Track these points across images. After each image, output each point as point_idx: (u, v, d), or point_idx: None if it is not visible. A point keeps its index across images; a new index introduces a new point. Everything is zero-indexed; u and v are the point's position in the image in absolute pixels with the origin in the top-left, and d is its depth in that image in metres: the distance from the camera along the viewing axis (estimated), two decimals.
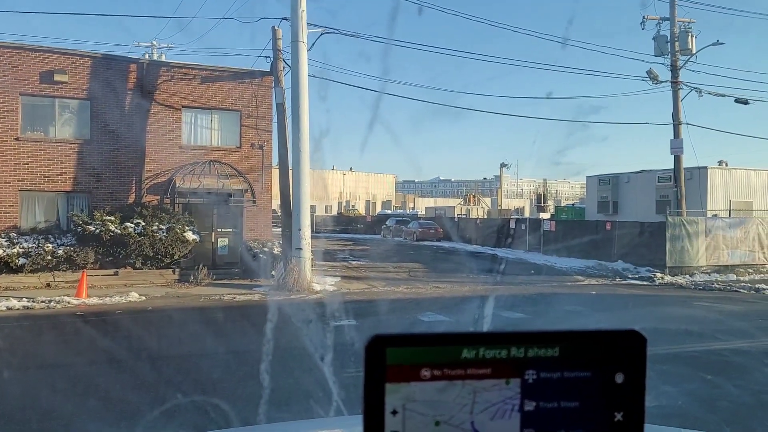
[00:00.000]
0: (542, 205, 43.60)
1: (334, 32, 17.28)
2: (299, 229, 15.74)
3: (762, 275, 19.81)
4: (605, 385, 0.67)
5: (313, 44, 16.82)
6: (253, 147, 18.99)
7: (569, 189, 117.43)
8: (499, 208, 45.44)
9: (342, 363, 6.42)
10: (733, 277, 19.16)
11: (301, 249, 15.56)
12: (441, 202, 71.22)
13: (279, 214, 19.42)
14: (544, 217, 34.42)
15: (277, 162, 18.33)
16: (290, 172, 16.56)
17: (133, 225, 16.23)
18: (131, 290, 14.30)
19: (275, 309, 12.87)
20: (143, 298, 13.79)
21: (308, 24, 16.31)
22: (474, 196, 57.28)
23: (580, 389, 0.67)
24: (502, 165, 47.99)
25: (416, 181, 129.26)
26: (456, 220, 39.76)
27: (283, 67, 17.37)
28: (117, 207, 17.08)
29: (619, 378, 0.67)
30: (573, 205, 44.32)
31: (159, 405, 5.89)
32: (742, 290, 16.59)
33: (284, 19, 16.82)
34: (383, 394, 0.63)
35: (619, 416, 0.67)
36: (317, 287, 15.57)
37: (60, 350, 8.82)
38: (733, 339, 9.32)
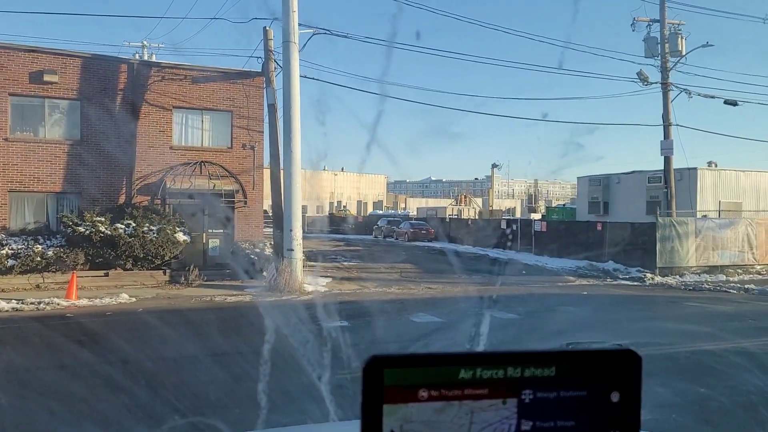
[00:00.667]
0: (533, 205, 43.76)
1: (325, 33, 17.27)
2: (290, 230, 15.70)
3: (751, 275, 19.97)
4: (601, 404, 0.67)
5: (305, 45, 16.82)
6: (245, 147, 18.94)
7: (560, 189, 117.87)
8: (490, 208, 45.53)
9: (333, 365, 6.40)
10: (722, 277, 19.30)
11: (292, 250, 15.53)
12: (432, 203, 71.30)
13: (270, 214, 19.38)
14: (536, 218, 34.53)
15: (268, 162, 18.30)
16: (281, 172, 16.53)
17: (123, 226, 16.14)
18: (121, 292, 14.21)
19: (266, 310, 12.82)
20: (133, 299, 13.70)
21: (300, 25, 16.30)
22: (465, 197, 57.37)
23: (576, 408, 0.67)
24: (494, 165, 48.12)
25: (407, 181, 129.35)
26: (447, 220, 39.80)
27: (275, 68, 17.33)
28: (107, 208, 16.98)
29: (615, 397, 0.68)
30: (564, 205, 44.49)
31: (144, 409, 5.86)
32: (731, 290, 16.72)
33: (276, 19, 16.80)
34: (381, 415, 0.64)
35: None
36: (309, 288, 15.54)
37: (47, 353, 8.75)
38: (723, 340, 9.38)
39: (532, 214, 40.53)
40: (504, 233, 29.67)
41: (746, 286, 17.20)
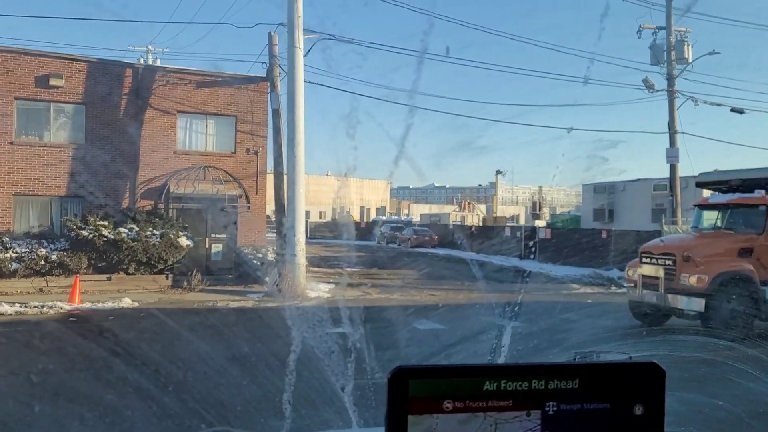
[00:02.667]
0: (537, 212, 43.66)
1: (330, 38, 17.31)
2: (293, 235, 15.69)
3: None
4: (624, 417, 0.66)
5: (309, 50, 16.83)
6: (248, 152, 18.95)
7: (564, 197, 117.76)
8: (494, 215, 45.49)
9: (336, 371, 6.34)
10: None
11: (295, 255, 15.51)
12: (435, 209, 71.27)
13: (273, 219, 19.36)
14: (540, 225, 34.46)
15: (272, 167, 18.31)
16: (285, 177, 16.52)
17: (126, 230, 16.14)
18: (124, 296, 14.20)
19: (268, 315, 12.79)
20: (136, 303, 13.69)
21: (304, 30, 16.33)
22: (469, 203, 57.35)
23: (599, 421, 0.66)
24: (498, 172, 48.12)
25: (411, 187, 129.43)
26: (451, 227, 39.78)
27: (279, 73, 17.36)
28: (111, 212, 16.98)
29: (638, 410, 0.67)
30: (568, 212, 44.43)
31: (146, 412, 5.81)
32: None
33: (281, 24, 16.85)
34: (406, 426, 0.63)
35: None
36: (311, 294, 15.52)
37: (50, 356, 8.71)
38: (732, 348, 9.30)
39: (536, 221, 40.45)
40: (508, 240, 29.61)
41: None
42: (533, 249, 26.90)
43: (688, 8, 21.56)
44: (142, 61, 25.82)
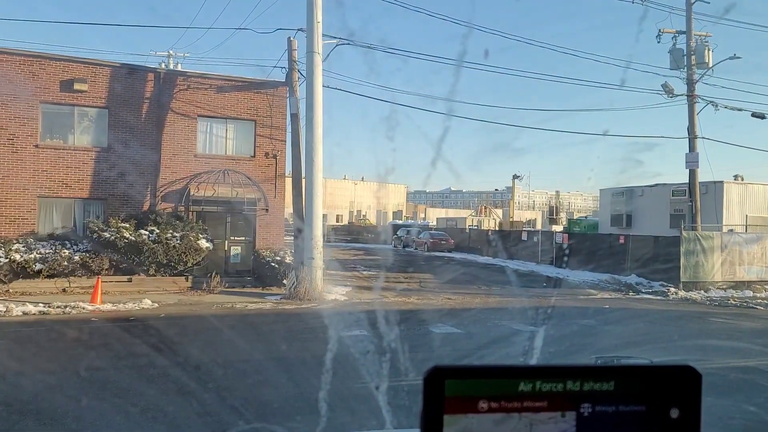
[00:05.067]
0: (555, 217, 43.38)
1: (349, 44, 17.41)
2: (311, 239, 15.78)
3: None
4: (660, 420, 0.67)
5: (328, 55, 16.96)
6: (267, 156, 19.11)
7: (582, 201, 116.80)
8: (510, 219, 45.25)
9: (352, 374, 6.42)
10: (749, 293, 18.94)
11: (313, 258, 15.60)
12: (452, 213, 71.09)
13: (291, 223, 19.49)
14: (557, 230, 34.26)
15: (290, 171, 18.44)
16: (303, 181, 16.64)
17: (147, 232, 16.36)
18: (144, 297, 14.40)
19: (287, 318, 12.90)
20: (156, 305, 13.87)
21: (323, 35, 16.47)
22: (486, 208, 57.14)
23: (635, 423, 0.67)
24: (515, 176, 47.87)
25: (427, 191, 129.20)
26: (467, 231, 39.65)
27: (298, 78, 17.52)
28: (132, 214, 17.23)
29: (674, 413, 0.68)
30: (586, 217, 44.08)
31: (178, 409, 5.92)
32: (758, 307, 16.40)
33: (300, 30, 16.99)
34: (441, 426, 0.64)
35: None
36: (329, 296, 15.59)
37: (73, 355, 8.89)
38: (753, 356, 9.21)
39: (553, 226, 40.21)
40: (524, 245, 29.47)
41: None
42: (550, 254, 26.75)
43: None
44: (163, 65, 26.19)
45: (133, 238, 16.14)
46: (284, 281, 16.48)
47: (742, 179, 26.72)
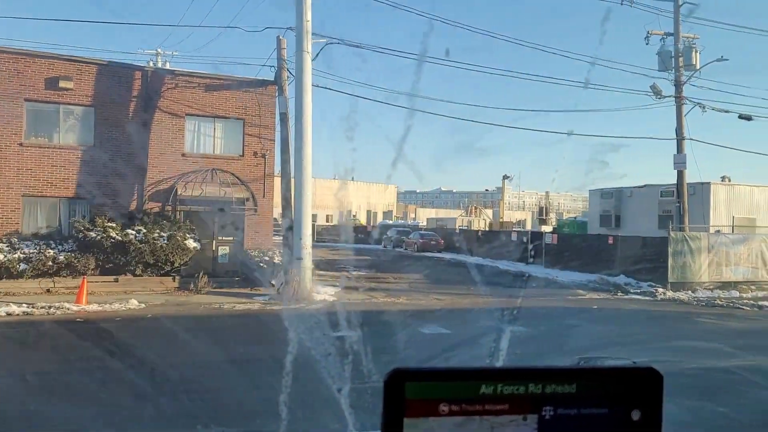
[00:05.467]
0: (544, 218, 43.52)
1: (338, 43, 17.37)
2: (300, 239, 15.71)
3: (765, 292, 19.69)
4: (621, 423, 0.66)
5: (317, 54, 16.89)
6: (256, 156, 19.02)
7: (571, 202, 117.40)
8: (500, 220, 45.38)
9: (342, 374, 6.35)
10: (735, 293, 19.07)
11: (301, 258, 15.53)
12: (442, 213, 71.21)
13: (280, 222, 19.41)
14: (546, 230, 34.36)
15: (279, 171, 18.36)
16: (292, 181, 16.57)
17: (134, 232, 16.22)
18: (131, 297, 14.26)
19: (275, 318, 12.81)
20: (143, 305, 13.74)
21: (313, 34, 16.39)
22: (476, 208, 57.27)
23: (596, 426, 0.66)
24: (505, 177, 48.02)
25: (418, 191, 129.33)
26: (457, 231, 39.71)
27: (287, 77, 17.44)
28: (118, 214, 17.08)
29: (636, 415, 0.67)
30: (575, 218, 44.29)
31: (142, 412, 5.84)
32: (744, 307, 16.51)
33: (289, 29, 16.92)
34: (401, 429, 0.64)
35: None
36: (317, 297, 15.52)
37: (56, 357, 8.77)
38: (737, 357, 9.25)
39: (542, 226, 40.32)
40: (514, 245, 29.54)
41: (759, 303, 16.98)
42: (540, 254, 26.81)
43: (691, 12, 21.45)
44: (151, 64, 25.99)
45: (120, 238, 16.00)
46: (273, 281, 16.39)
47: (729, 180, 26.92)
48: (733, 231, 22.72)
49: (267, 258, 17.47)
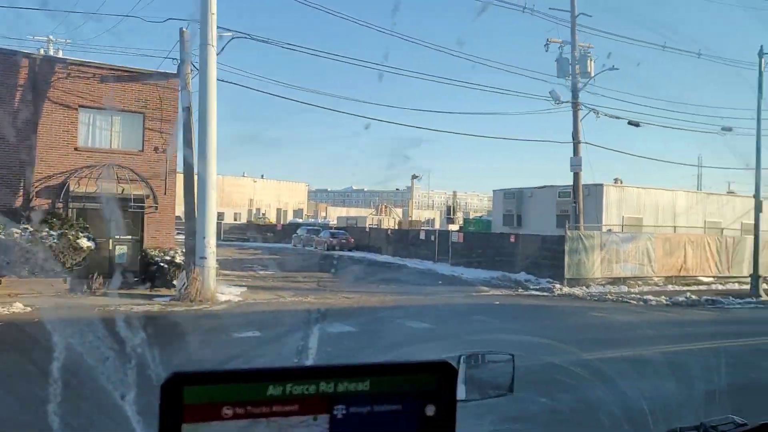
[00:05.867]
0: (452, 217, 44.65)
1: (245, 37, 16.99)
2: (204, 237, 15.24)
3: (650, 287, 21.20)
4: (416, 418, 0.66)
5: (223, 48, 16.42)
6: (157, 151, 18.22)
7: (478, 201, 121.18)
8: (409, 219, 46.11)
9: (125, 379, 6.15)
10: (624, 288, 20.38)
11: (205, 258, 15.07)
12: (353, 212, 71.41)
13: (183, 221, 18.72)
14: (453, 229, 35.26)
15: (182, 167, 17.69)
16: (196, 177, 16.03)
17: (19, 230, 15.09)
18: (15, 300, 13.26)
19: (174, 320, 12.35)
20: (29, 309, 12.82)
21: (219, 27, 15.93)
22: (386, 207, 57.85)
23: (390, 423, 0.65)
24: (413, 176, 48.86)
25: (329, 190, 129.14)
26: (367, 230, 39.97)
27: (191, 70, 16.83)
28: (1, 211, 15.83)
29: (430, 410, 0.66)
30: (481, 217, 45.73)
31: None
32: (632, 301, 17.68)
33: (193, 21, 16.34)
34: None
35: None
36: (222, 297, 15.13)
37: None
38: (612, 348, 9.86)
39: (450, 225, 41.34)
40: (422, 244, 30.10)
41: (645, 297, 18.24)
42: (447, 252, 27.47)
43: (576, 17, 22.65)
44: (42, 51, 24.29)
45: (3, 237, 14.83)
46: (174, 282, 15.80)
47: (621, 183, 28.73)
48: (622, 230, 24.28)
49: (168, 258, 16.79)
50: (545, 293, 19.03)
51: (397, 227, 42.81)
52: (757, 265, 20.40)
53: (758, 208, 20.49)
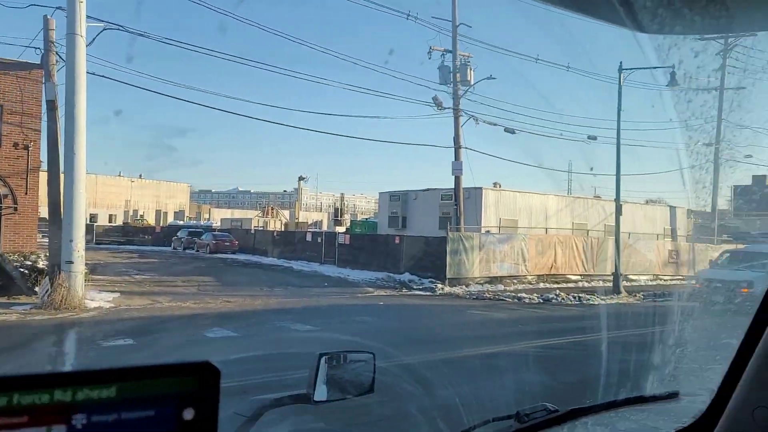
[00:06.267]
0: (339, 218, 44.77)
1: (118, 29, 16.00)
2: (71, 240, 14.18)
3: (524, 285, 22.43)
4: (171, 424, 0.62)
5: (93, 39, 15.39)
6: (17, 147, 16.74)
7: (366, 203, 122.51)
8: (296, 220, 45.65)
9: None
10: (501, 287, 21.42)
11: (72, 262, 14.02)
12: (239, 214, 69.54)
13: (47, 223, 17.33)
14: (340, 231, 35.38)
15: (47, 165, 16.36)
16: (62, 176, 14.90)
17: None
18: None
19: (33, 330, 11.39)
20: None
21: (88, 17, 14.92)
22: (272, 209, 56.89)
23: (140, 430, 0.60)
24: (300, 178, 48.45)
25: (213, 191, 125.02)
26: (253, 232, 39.11)
27: (57, 61, 15.62)
28: None
29: (188, 414, 0.62)
30: (367, 219, 46.25)
31: None
32: (507, 299, 18.59)
33: (59, 8, 15.19)
34: None
35: None
36: (91, 304, 14.16)
37: None
38: (485, 345, 10.36)
39: (337, 227, 41.44)
40: (309, 245, 29.92)
41: (519, 295, 19.25)
42: (333, 254, 27.50)
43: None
44: None
45: None
46: (36, 289, 14.58)
47: (500, 186, 30.21)
48: (500, 231, 25.52)
49: (29, 263, 15.47)
50: (428, 293, 19.57)
51: (283, 229, 42.25)
52: (618, 265, 22.17)
53: (618, 212, 22.30)
